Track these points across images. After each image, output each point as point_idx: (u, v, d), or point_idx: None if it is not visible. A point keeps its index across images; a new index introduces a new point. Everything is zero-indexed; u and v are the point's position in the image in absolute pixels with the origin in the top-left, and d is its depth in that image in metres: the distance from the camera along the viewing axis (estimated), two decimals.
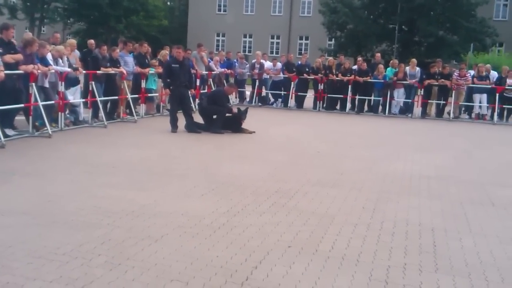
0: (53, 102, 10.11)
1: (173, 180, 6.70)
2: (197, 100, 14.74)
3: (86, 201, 5.49)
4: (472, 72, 18.00)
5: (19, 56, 9.21)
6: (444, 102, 17.12)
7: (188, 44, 38.19)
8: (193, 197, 5.91)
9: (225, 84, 16.66)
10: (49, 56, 10.05)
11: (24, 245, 4.13)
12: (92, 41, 13.21)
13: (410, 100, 17.26)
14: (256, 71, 18.48)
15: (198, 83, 15.37)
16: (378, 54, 20.48)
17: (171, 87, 11.21)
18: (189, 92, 11.67)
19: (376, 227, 5.13)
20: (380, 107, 17.55)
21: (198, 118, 11.59)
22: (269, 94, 19.26)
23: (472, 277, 4.01)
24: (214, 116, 11.37)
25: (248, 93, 19.18)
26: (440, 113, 17.28)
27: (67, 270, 3.70)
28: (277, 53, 42.19)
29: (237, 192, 6.22)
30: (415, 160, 9.13)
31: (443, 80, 16.65)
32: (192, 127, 11.15)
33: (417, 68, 17.30)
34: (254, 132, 11.40)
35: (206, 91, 15.97)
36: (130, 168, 7.33)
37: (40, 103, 9.45)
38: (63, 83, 10.26)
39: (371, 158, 9.03)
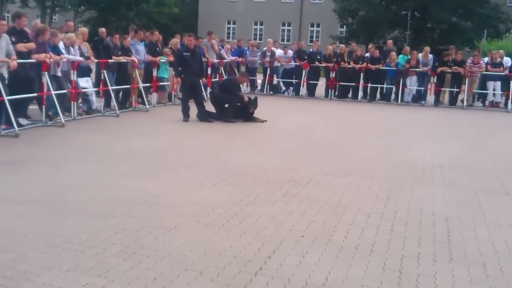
0: (65, 91, 10.15)
1: (186, 169, 6.71)
2: (208, 89, 14.74)
3: (100, 190, 5.53)
4: (486, 59, 17.77)
5: (32, 45, 9.24)
6: (458, 89, 16.95)
7: (199, 32, 38.11)
8: (205, 187, 5.92)
9: (236, 73, 16.65)
10: (61, 45, 10.07)
11: (39, 234, 4.17)
12: (103, 30, 13.21)
13: (422, 88, 17.11)
14: (267, 59, 18.39)
15: (209, 71, 15.34)
16: (390, 41, 20.28)
17: (182, 76, 11.22)
18: (201, 80, 11.65)
19: (390, 216, 5.11)
20: (393, 95, 17.42)
21: (209, 107, 11.59)
22: (281, 82, 19.18)
23: (487, 267, 3.98)
24: (226, 105, 11.36)
25: (259, 81, 19.12)
26: (453, 101, 17.11)
27: (83, 259, 3.73)
28: (288, 40, 41.99)
29: (250, 181, 6.22)
30: (428, 148, 9.07)
31: (456, 67, 16.46)
32: (204, 116, 11.15)
33: (430, 56, 17.11)
34: (265, 120, 11.37)
35: (217, 79, 15.95)
36: (143, 157, 7.36)
37: (53, 92, 9.50)
38: (75, 72, 10.29)
39: (384, 147, 8.99)
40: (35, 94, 9.39)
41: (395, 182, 6.52)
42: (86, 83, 10.96)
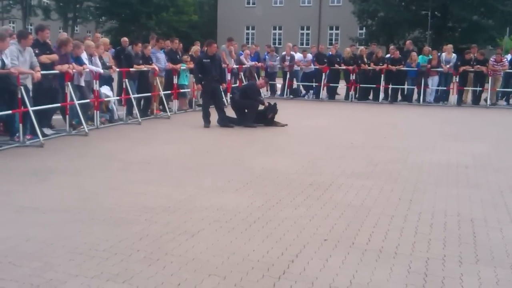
0: (88, 100, 10.30)
1: (208, 175, 6.74)
2: (228, 94, 14.80)
3: (123, 197, 5.59)
4: (509, 56, 17.49)
5: (55, 57, 9.42)
6: (481, 88, 16.71)
7: (218, 38, 38.38)
8: (227, 192, 5.94)
9: (256, 78, 16.69)
10: (84, 55, 10.22)
11: (65, 242, 4.23)
12: (126, 39, 13.38)
13: (445, 88, 16.90)
14: (287, 63, 18.40)
15: (228, 77, 15.40)
16: (409, 42, 20.10)
17: (203, 82, 11.29)
18: (221, 86, 11.71)
19: (414, 218, 5.06)
20: (416, 95, 17.24)
21: (230, 112, 11.63)
22: (300, 86, 19.16)
23: None
24: (246, 110, 11.38)
25: (279, 85, 19.13)
26: (476, 100, 16.86)
27: (108, 266, 3.78)
28: (307, 44, 41.89)
29: (272, 185, 6.22)
30: (452, 149, 8.96)
31: (479, 66, 16.23)
32: (225, 122, 11.20)
33: (453, 54, 16.90)
34: (286, 125, 11.37)
35: (237, 85, 16.01)
36: (165, 164, 7.42)
37: (76, 102, 9.65)
38: (97, 81, 10.44)
39: (406, 148, 8.90)
40: (58, 104, 9.55)
41: (419, 184, 6.45)
42: (107, 91, 11.10)
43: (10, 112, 8.36)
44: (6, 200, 5.47)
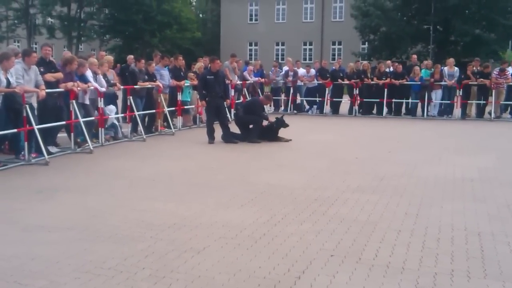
0: (93, 118, 10.34)
1: (212, 191, 6.73)
2: (232, 110, 14.84)
3: (128, 215, 5.58)
4: (511, 69, 17.48)
5: (60, 75, 9.49)
6: (485, 102, 16.71)
7: (222, 54, 38.54)
8: (233, 208, 5.92)
9: (260, 93, 16.75)
10: (88, 73, 10.29)
11: (71, 260, 4.22)
12: (131, 57, 13.47)
13: (448, 101, 16.91)
14: (290, 78, 18.47)
15: (232, 93, 15.46)
16: (415, 56, 20.15)
17: (207, 99, 11.33)
18: (225, 102, 11.76)
19: (421, 233, 5.02)
20: (420, 109, 17.24)
21: (234, 128, 11.65)
22: (304, 101, 19.21)
23: None
24: (250, 126, 11.41)
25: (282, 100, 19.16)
26: (480, 113, 16.86)
27: (113, 284, 3.76)
28: (310, 59, 42.07)
29: (277, 201, 6.21)
30: (457, 162, 8.93)
31: (482, 79, 16.24)
32: (229, 138, 11.21)
33: (456, 68, 16.94)
34: (290, 140, 11.37)
35: (241, 101, 16.06)
36: (170, 181, 7.42)
37: (81, 120, 9.69)
38: (102, 99, 10.49)
39: (411, 162, 8.88)
40: (63, 122, 9.59)
41: (425, 198, 6.42)
42: (110, 112, 11.13)
43: (15, 130, 8.41)
44: (11, 218, 5.47)
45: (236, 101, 15.77)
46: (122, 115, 11.90)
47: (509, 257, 4.41)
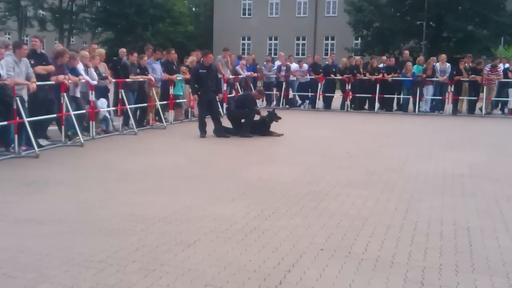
0: (84, 111, 10.29)
1: (204, 185, 6.74)
2: (224, 105, 14.83)
3: (119, 208, 5.57)
4: (504, 65, 17.57)
5: (51, 68, 9.44)
6: (476, 98, 16.80)
7: (214, 48, 38.47)
8: (224, 202, 5.93)
9: (252, 88, 16.75)
10: (80, 66, 10.24)
11: (60, 253, 4.21)
12: (124, 50, 13.40)
13: (440, 97, 16.98)
14: (283, 73, 18.46)
15: (225, 87, 15.44)
16: (407, 52, 20.25)
17: (199, 93, 11.31)
18: (217, 97, 11.75)
19: (410, 227, 5.06)
20: (411, 105, 17.31)
21: (226, 123, 11.64)
22: (296, 96, 19.22)
23: (510, 276, 3.92)
24: (242, 120, 11.41)
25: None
26: (471, 109, 16.96)
27: (103, 277, 3.76)
28: (303, 54, 42.10)
29: (268, 195, 6.22)
30: (448, 158, 8.98)
31: (473, 75, 16.33)
32: (221, 132, 11.21)
33: (448, 64, 17.02)
34: (282, 134, 11.39)
35: (233, 95, 16.04)
36: (161, 174, 7.41)
37: (72, 113, 9.64)
38: (93, 92, 10.44)
39: (402, 158, 8.92)
40: (54, 115, 9.54)
41: (415, 193, 6.46)
42: (102, 105, 11.09)
43: (5, 123, 8.36)
44: (1, 211, 5.44)
45: (229, 96, 15.75)
46: (114, 108, 11.86)
47: (497, 251, 4.45)
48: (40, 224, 5.01)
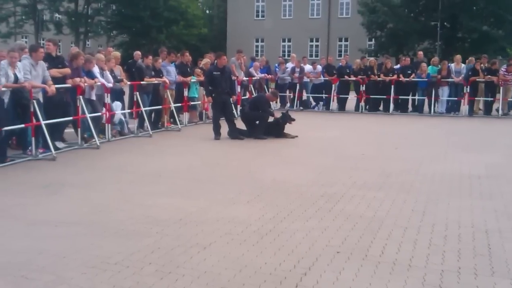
0: (100, 114, 10.36)
1: (218, 187, 6.74)
2: (238, 107, 14.83)
3: (135, 210, 5.59)
4: None
5: (67, 70, 9.51)
6: (492, 99, 16.61)
7: (228, 50, 38.52)
8: (238, 204, 5.92)
9: (266, 89, 16.74)
10: (95, 69, 10.31)
11: (77, 255, 4.23)
12: (138, 53, 13.47)
13: (455, 98, 16.82)
14: (297, 75, 18.42)
15: (238, 89, 15.45)
16: (421, 52, 20.07)
17: (213, 95, 11.33)
18: (231, 98, 11.75)
19: (427, 230, 5.00)
20: (427, 107, 17.17)
21: (240, 125, 11.64)
22: (310, 98, 19.17)
23: None
24: (257, 122, 11.40)
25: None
26: (488, 110, 16.76)
27: (120, 280, 3.77)
28: (316, 56, 42.03)
29: (283, 197, 6.20)
30: (464, 159, 8.88)
31: (489, 76, 16.14)
32: (235, 134, 11.20)
33: (463, 65, 16.85)
34: (297, 136, 11.35)
35: (247, 97, 16.04)
36: (176, 176, 7.43)
37: (88, 115, 9.71)
38: (109, 95, 10.51)
39: (418, 159, 8.84)
40: (70, 118, 9.61)
41: (432, 195, 6.40)
42: (116, 108, 11.14)
43: (23, 126, 8.44)
44: (18, 213, 5.49)
45: (242, 97, 15.75)
46: (129, 111, 11.92)
47: None
48: (57, 226, 5.04)
